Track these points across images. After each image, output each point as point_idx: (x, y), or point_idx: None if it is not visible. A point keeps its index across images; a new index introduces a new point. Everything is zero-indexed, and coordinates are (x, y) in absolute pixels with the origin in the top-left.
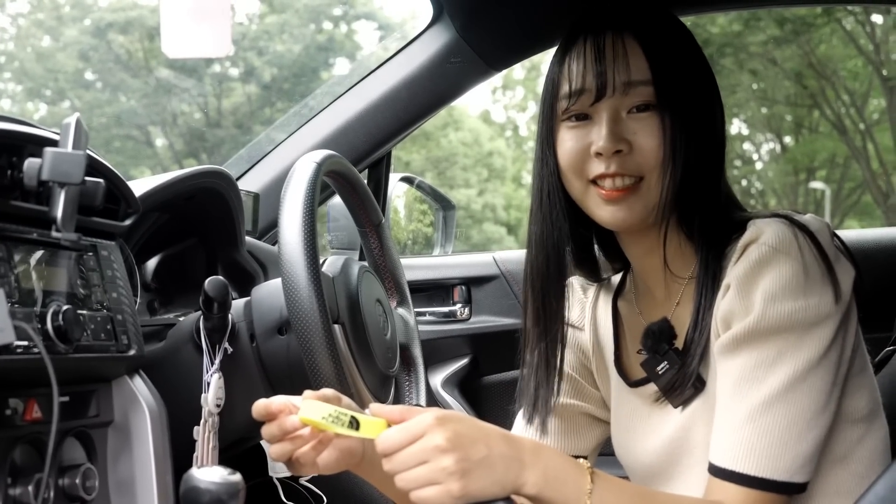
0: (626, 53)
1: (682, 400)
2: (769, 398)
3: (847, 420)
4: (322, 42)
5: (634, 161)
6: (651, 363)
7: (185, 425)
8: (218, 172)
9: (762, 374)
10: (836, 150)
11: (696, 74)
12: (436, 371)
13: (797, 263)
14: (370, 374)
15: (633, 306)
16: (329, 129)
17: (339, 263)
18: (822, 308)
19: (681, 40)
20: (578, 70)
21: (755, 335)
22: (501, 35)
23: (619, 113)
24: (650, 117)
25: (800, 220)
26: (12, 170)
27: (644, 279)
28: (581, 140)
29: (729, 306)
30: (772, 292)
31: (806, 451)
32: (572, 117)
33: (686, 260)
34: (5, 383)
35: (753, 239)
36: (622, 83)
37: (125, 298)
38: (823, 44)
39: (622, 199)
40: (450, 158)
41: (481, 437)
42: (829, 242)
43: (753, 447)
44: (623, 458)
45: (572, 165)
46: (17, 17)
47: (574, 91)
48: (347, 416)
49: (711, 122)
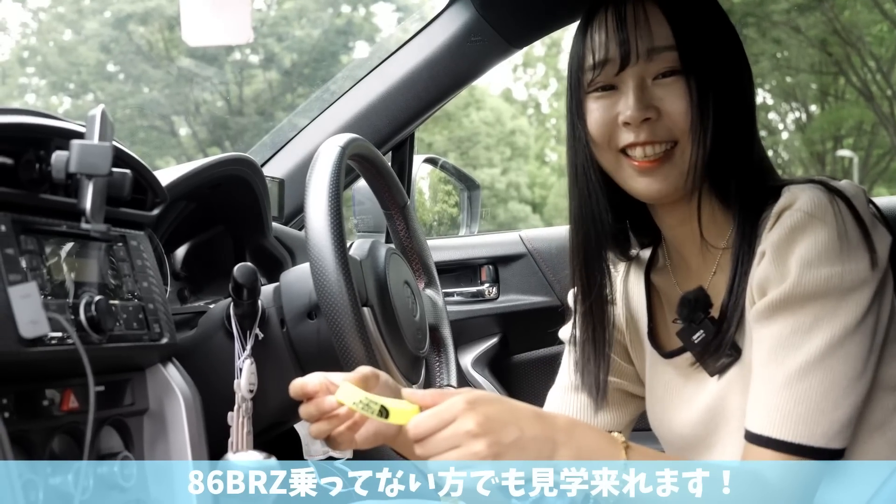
0: (648, 20)
1: (717, 368)
2: (806, 364)
3: (883, 388)
4: (341, 26)
5: (665, 127)
6: (687, 332)
7: (219, 411)
8: (243, 160)
9: (798, 340)
10: (863, 117)
11: (721, 39)
12: (466, 351)
13: (833, 229)
14: (400, 355)
15: (670, 277)
16: (351, 113)
17: (367, 246)
18: (858, 274)
19: (704, 5)
20: (601, 40)
21: (791, 301)
22: (521, 12)
23: (644, 80)
24: (676, 82)
25: (836, 186)
26: (40, 163)
27: (679, 249)
28: (609, 110)
29: (764, 273)
30: (808, 258)
31: (843, 417)
32: (598, 88)
33: (720, 228)
34: (41, 374)
35: (788, 205)
36: (645, 50)
37: (156, 287)
38: (847, 10)
39: (656, 170)
40: (472, 138)
41: (512, 420)
42: (866, 208)
43: (790, 413)
44: (658, 430)
45: (602, 137)
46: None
47: (598, 62)
48: (378, 404)
49: (739, 86)
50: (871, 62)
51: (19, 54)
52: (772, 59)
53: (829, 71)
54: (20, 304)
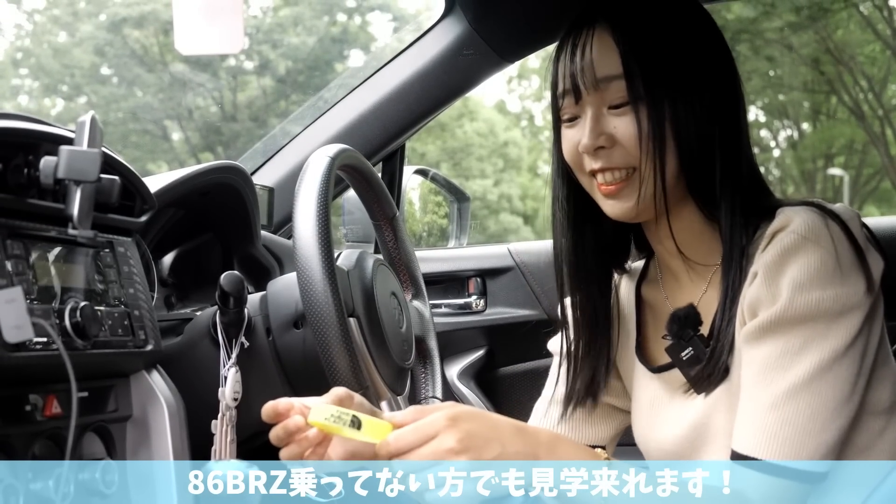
0: (595, 50)
1: (705, 386)
2: (794, 386)
3: (870, 412)
4: (336, 34)
5: (620, 154)
6: (676, 349)
7: (203, 419)
8: (232, 168)
9: (787, 362)
10: (855, 136)
11: (685, 61)
12: (452, 363)
13: (826, 252)
14: (386, 366)
15: (660, 291)
16: (343, 123)
17: (354, 257)
18: (850, 298)
19: (664, 28)
20: (562, 71)
21: (781, 323)
22: (514, 27)
23: (600, 109)
24: (627, 111)
25: (830, 209)
26: (29, 168)
27: (668, 264)
28: (573, 138)
29: (756, 294)
30: (800, 281)
31: (829, 440)
32: (567, 118)
33: (712, 245)
34: (25, 380)
35: (782, 227)
36: (593, 81)
37: (142, 294)
38: (840, 29)
39: (618, 193)
40: (465, 149)
41: (494, 436)
42: (860, 232)
43: (776, 435)
44: (643, 444)
45: (573, 162)
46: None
47: (561, 93)
48: (349, 415)
49: (708, 103)
50: (863, 81)
51: (13, 55)
52: (764, 77)
53: (821, 89)
54: (5, 308)
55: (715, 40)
